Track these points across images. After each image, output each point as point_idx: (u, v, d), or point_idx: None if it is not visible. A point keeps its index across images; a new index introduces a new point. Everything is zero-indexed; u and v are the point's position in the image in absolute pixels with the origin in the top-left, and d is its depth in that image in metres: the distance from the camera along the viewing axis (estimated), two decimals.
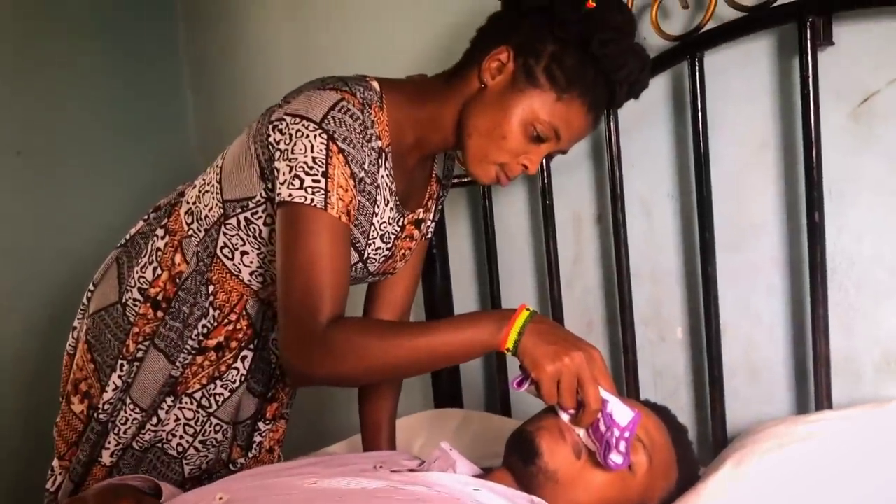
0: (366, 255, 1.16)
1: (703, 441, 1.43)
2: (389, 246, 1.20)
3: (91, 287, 1.30)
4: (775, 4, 1.18)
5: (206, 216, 1.18)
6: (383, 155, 1.11)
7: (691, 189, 1.35)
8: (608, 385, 0.95)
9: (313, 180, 1.01)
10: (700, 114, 1.28)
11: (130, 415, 1.23)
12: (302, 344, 1.00)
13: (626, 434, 0.93)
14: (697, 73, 1.28)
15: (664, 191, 1.44)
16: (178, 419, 1.25)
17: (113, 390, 1.22)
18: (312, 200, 1.01)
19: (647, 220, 1.47)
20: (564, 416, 0.99)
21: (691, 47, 1.28)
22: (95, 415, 1.23)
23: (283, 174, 1.02)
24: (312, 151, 1.01)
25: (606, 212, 1.50)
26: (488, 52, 1.06)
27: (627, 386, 1.46)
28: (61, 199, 2.28)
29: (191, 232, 1.20)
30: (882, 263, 1.20)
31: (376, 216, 1.14)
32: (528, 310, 0.97)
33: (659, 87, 1.40)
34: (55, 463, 1.28)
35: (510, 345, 0.95)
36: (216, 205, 1.16)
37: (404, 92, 1.13)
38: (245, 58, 2.33)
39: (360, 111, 1.05)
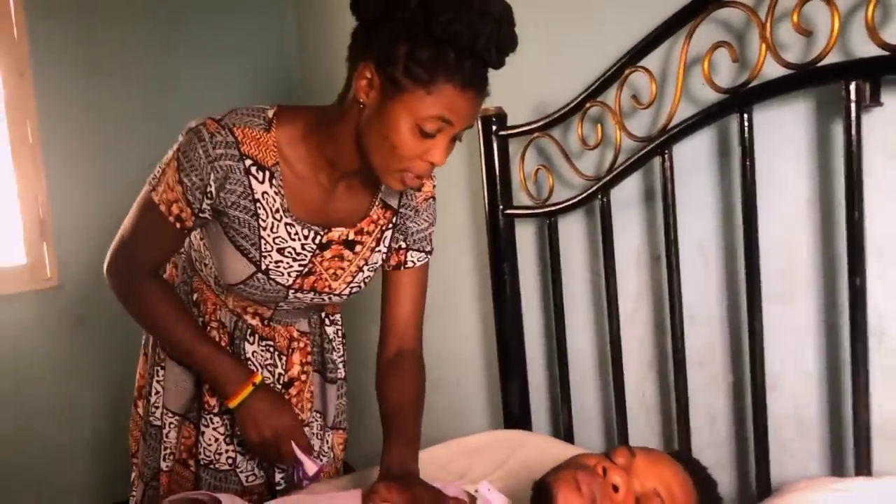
0: (263, 265, 1.23)
1: (744, 493, 1.42)
2: (304, 262, 1.26)
3: None
4: (820, 64, 1.15)
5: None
6: (265, 172, 1.18)
7: (738, 239, 1.34)
8: (301, 443, 1.29)
9: (159, 172, 1.20)
10: (748, 166, 1.28)
11: (168, 420, 1.40)
12: (122, 277, 1.27)
13: (310, 477, 1.31)
14: (746, 126, 1.27)
15: (714, 239, 1.44)
16: (216, 439, 1.38)
17: (156, 393, 1.40)
18: (151, 184, 1.21)
19: (703, 264, 1.47)
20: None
21: (739, 101, 1.27)
22: (149, 419, 1.42)
23: None
24: (169, 154, 1.20)
25: (662, 252, 1.50)
26: (355, 71, 1.09)
27: (679, 430, 1.47)
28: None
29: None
30: None
31: (264, 230, 1.21)
32: (254, 384, 1.27)
33: (706, 139, 1.42)
34: (134, 474, 1.48)
35: (233, 406, 1.28)
36: None
37: (302, 116, 1.20)
38: None
39: (209, 133, 1.15)
